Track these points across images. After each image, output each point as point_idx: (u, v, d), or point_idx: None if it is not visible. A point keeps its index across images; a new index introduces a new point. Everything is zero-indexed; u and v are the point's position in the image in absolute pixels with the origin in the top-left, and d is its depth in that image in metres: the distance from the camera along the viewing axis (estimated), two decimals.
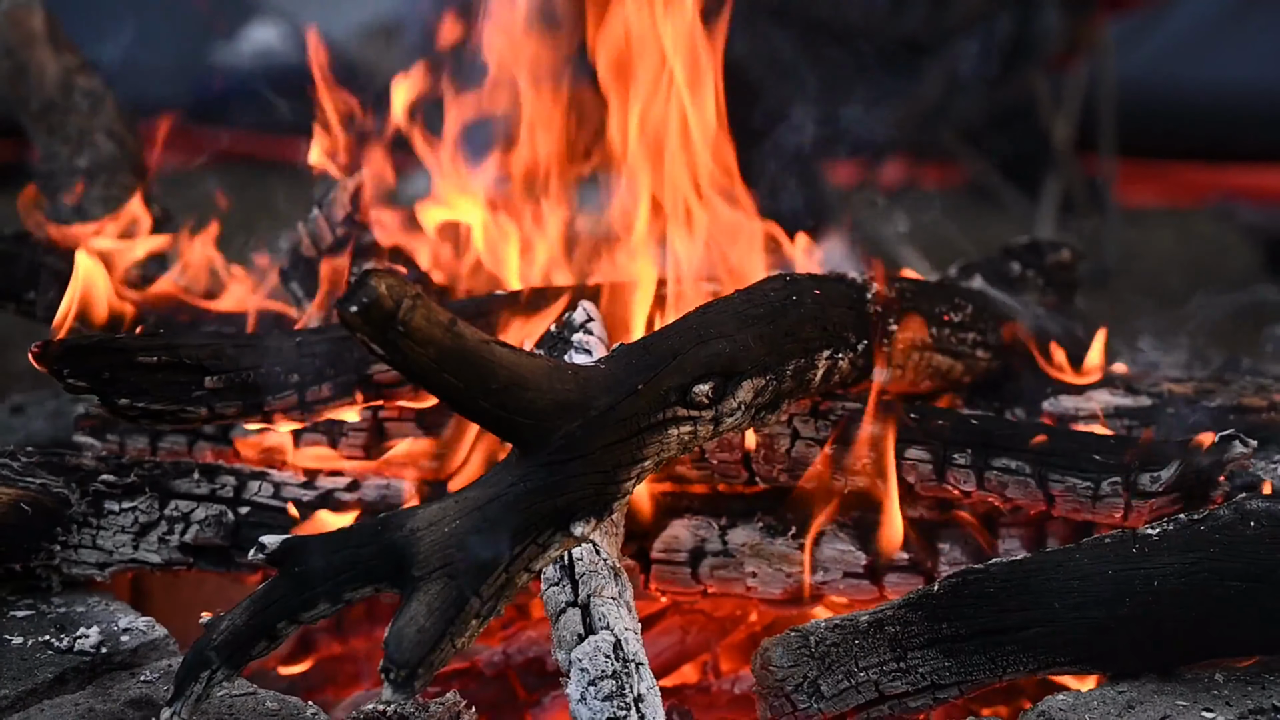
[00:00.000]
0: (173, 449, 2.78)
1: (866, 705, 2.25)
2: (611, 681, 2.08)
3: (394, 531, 2.03)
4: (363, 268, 2.70)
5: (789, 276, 2.42)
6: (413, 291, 1.90)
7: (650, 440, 2.13)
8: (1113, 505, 2.43)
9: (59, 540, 2.53)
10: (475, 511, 2.03)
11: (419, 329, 1.91)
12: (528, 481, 2.04)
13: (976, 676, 2.25)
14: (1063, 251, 3.16)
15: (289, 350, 2.56)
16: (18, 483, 2.54)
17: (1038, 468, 2.45)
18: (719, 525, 2.52)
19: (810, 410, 2.52)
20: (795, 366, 2.32)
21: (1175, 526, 2.29)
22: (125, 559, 2.55)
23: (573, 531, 2.07)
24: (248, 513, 2.57)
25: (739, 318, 2.27)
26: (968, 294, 2.75)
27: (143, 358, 2.48)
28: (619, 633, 2.14)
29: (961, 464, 2.48)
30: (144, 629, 2.42)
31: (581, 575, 2.20)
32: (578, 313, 2.51)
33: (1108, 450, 2.46)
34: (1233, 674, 2.26)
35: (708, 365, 2.18)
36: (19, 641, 2.39)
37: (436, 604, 1.99)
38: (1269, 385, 2.87)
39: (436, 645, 1.99)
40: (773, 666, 2.26)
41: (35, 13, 3.37)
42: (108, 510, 2.55)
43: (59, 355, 2.47)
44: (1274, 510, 2.27)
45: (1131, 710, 2.19)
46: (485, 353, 1.99)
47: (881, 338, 2.49)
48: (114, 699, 2.25)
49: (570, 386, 2.07)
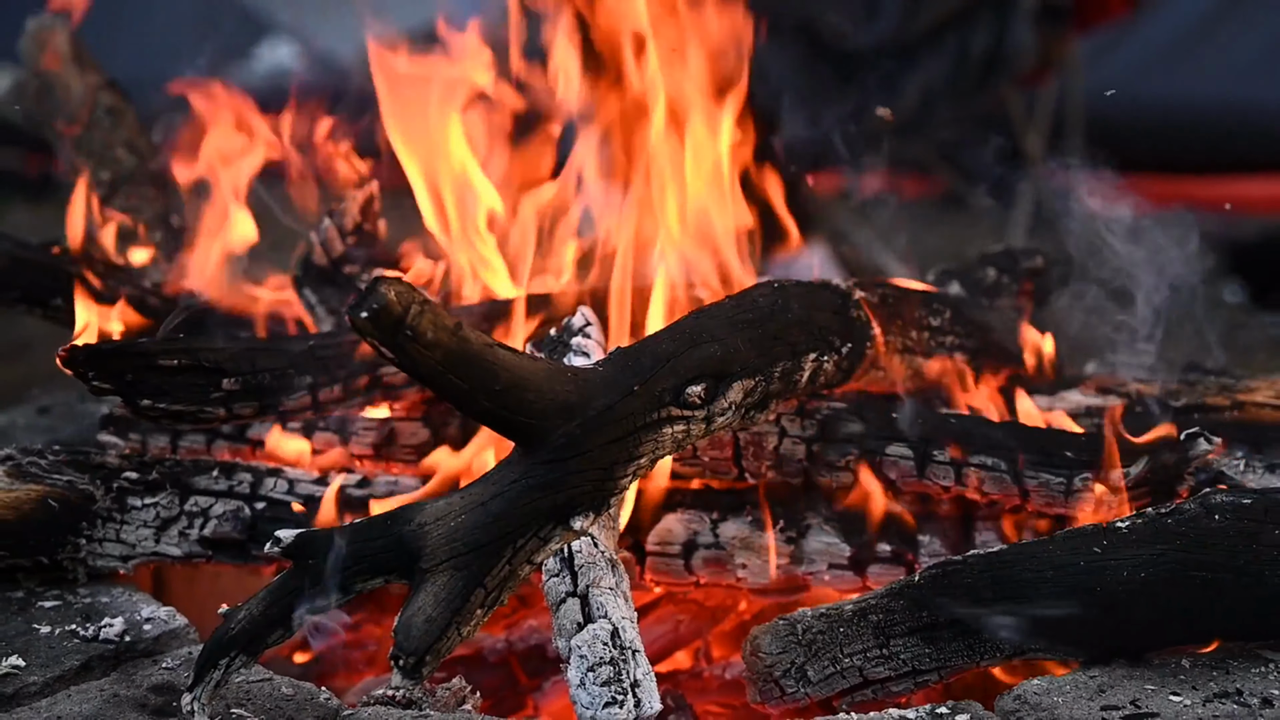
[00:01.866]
0: (192, 447, 2.78)
1: (851, 689, 2.25)
2: (609, 668, 2.08)
3: (402, 525, 2.03)
4: (373, 275, 2.70)
5: (777, 283, 2.42)
6: (420, 298, 1.90)
7: (646, 439, 2.12)
8: (1084, 499, 2.43)
9: (84, 534, 2.52)
10: (480, 507, 2.03)
11: (426, 333, 1.90)
12: (530, 478, 2.04)
13: (955, 662, 2.25)
14: (1035, 258, 3.15)
15: (302, 353, 2.56)
16: (45, 480, 2.53)
17: (1013, 464, 2.45)
18: (710, 519, 2.51)
19: (797, 410, 2.52)
20: (783, 369, 2.31)
21: (1143, 520, 2.29)
22: (147, 552, 2.54)
23: (572, 525, 2.07)
24: (263, 508, 2.56)
25: (730, 322, 2.27)
26: (946, 299, 2.75)
27: (163, 361, 2.48)
28: (616, 621, 2.14)
29: (941, 460, 2.48)
30: (165, 618, 2.42)
31: (581, 567, 2.20)
32: (576, 318, 2.51)
33: (1079, 448, 2.47)
34: (1198, 660, 2.26)
35: (700, 367, 2.18)
36: (47, 630, 2.38)
37: (443, 594, 1.99)
38: (1231, 385, 2.88)
39: (443, 634, 1.99)
40: (762, 653, 2.26)
41: (60, 33, 3.37)
42: (130, 506, 2.54)
43: (84, 359, 2.47)
44: (1237, 504, 2.27)
45: (1103, 694, 2.19)
46: (489, 356, 1.99)
47: (864, 341, 2.49)
48: (137, 685, 2.25)
49: (570, 388, 2.07)
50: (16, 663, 2.28)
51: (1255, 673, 2.23)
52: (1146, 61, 7.74)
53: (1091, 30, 6.88)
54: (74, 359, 2.47)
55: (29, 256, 2.99)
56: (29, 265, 2.98)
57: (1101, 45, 7.51)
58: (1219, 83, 7.66)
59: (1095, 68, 7.32)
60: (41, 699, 2.22)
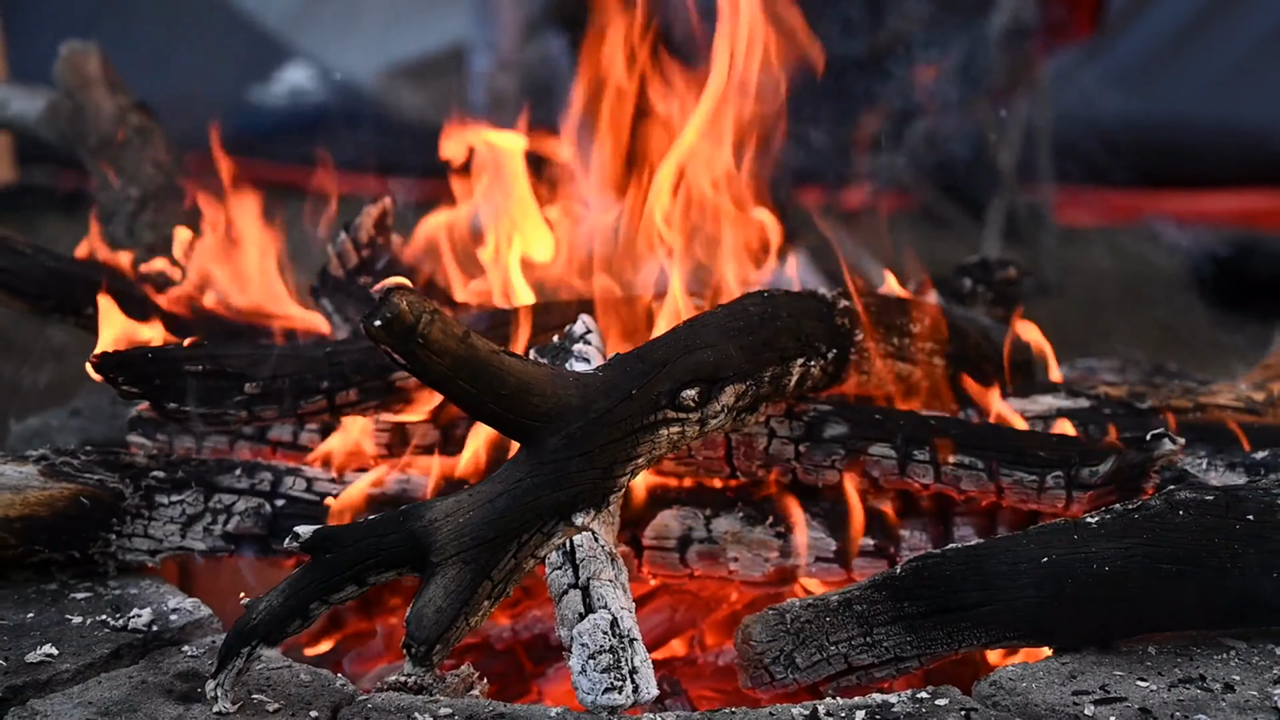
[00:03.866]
0: (216, 448, 2.77)
1: (836, 675, 2.25)
2: (609, 655, 2.08)
3: (414, 522, 2.02)
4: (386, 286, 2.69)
5: (767, 293, 2.42)
6: (430, 307, 1.90)
7: (643, 440, 2.12)
8: (1056, 496, 2.43)
9: (114, 530, 2.51)
10: (487, 504, 2.03)
11: (436, 341, 1.90)
12: (534, 477, 2.04)
13: (935, 650, 2.24)
14: (1009, 269, 3.15)
15: (319, 359, 2.56)
16: (77, 478, 2.53)
17: (989, 463, 2.44)
18: (704, 515, 2.51)
19: (785, 412, 2.51)
20: (772, 373, 2.31)
21: (1112, 515, 2.28)
22: (174, 546, 2.54)
23: (574, 521, 2.07)
24: (283, 505, 2.56)
25: (722, 330, 2.27)
26: (925, 307, 2.75)
27: (189, 366, 2.48)
28: (615, 611, 2.13)
29: (921, 459, 2.47)
30: (190, 609, 2.41)
31: (582, 560, 2.19)
32: (578, 325, 2.51)
33: (1051, 447, 2.46)
34: (1163, 647, 2.25)
35: (694, 372, 2.18)
36: (79, 621, 2.38)
37: (452, 587, 1.99)
38: (1194, 388, 2.87)
39: (452, 624, 1.99)
40: (753, 641, 2.25)
41: (92, 58, 3.38)
42: (158, 503, 2.54)
43: (114, 364, 2.47)
44: (1200, 500, 2.27)
45: (1074, 679, 2.18)
46: (495, 362, 1.99)
47: (849, 347, 2.48)
48: (164, 672, 2.24)
49: (572, 392, 2.06)
50: (50, 651, 2.27)
51: (1217, 659, 2.23)
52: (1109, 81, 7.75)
53: (1057, 50, 6.89)
54: (104, 365, 2.46)
55: (63, 268, 2.98)
56: (63, 276, 2.97)
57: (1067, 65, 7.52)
58: (1179, 101, 7.68)
59: (1060, 87, 7.34)
60: (74, 685, 2.22)
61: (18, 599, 2.44)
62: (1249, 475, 2.49)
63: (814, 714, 2.10)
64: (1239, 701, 2.11)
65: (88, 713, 2.13)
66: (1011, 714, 2.12)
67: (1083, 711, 2.10)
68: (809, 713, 2.11)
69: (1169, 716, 2.08)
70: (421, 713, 2.11)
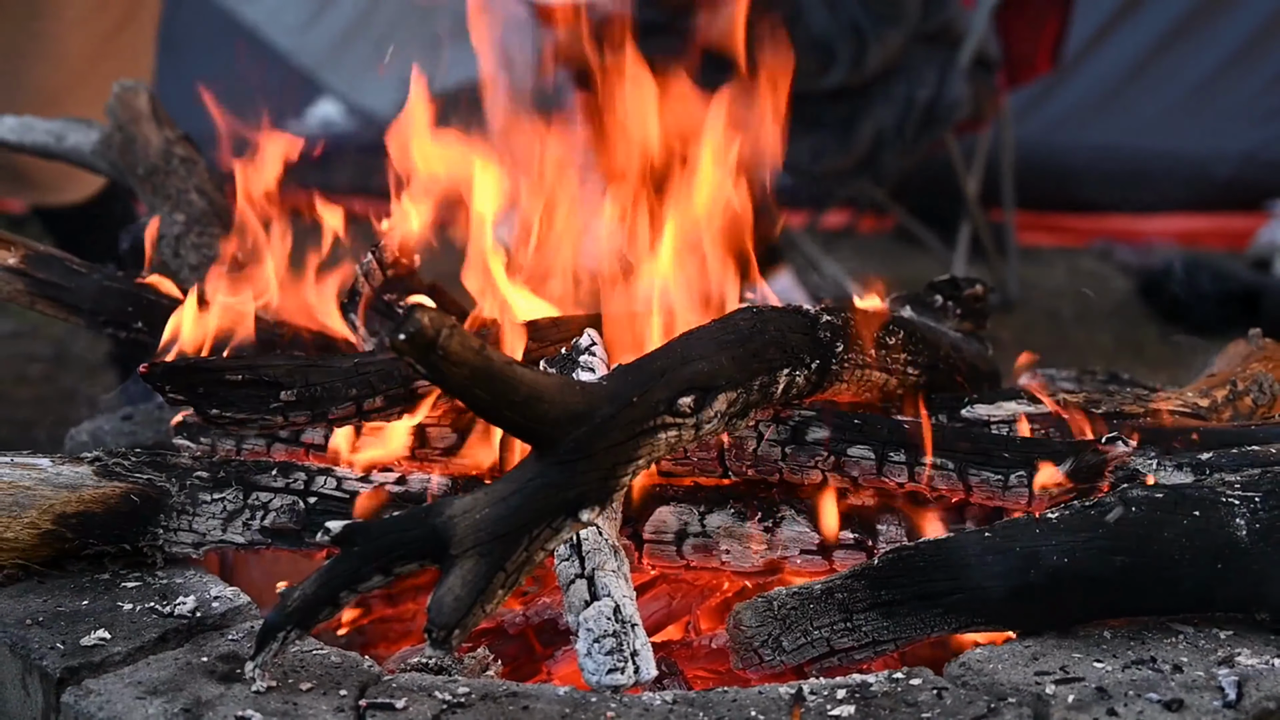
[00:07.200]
0: (254, 450, 2.76)
1: (820, 657, 2.25)
2: (612, 639, 2.08)
3: (435, 517, 2.02)
4: (409, 303, 2.68)
5: (755, 308, 2.42)
6: (450, 322, 1.90)
7: (643, 443, 2.12)
8: (1019, 494, 2.42)
9: (162, 525, 2.51)
10: (501, 501, 2.02)
11: (455, 353, 1.90)
12: (544, 477, 2.03)
13: (909, 634, 2.24)
14: (976, 285, 3.14)
15: (349, 369, 2.55)
16: (128, 478, 2.52)
17: (959, 464, 2.44)
18: (699, 511, 2.50)
19: (773, 417, 2.51)
20: (761, 382, 2.31)
21: (1070, 511, 2.28)
22: (215, 540, 2.53)
23: (580, 517, 2.06)
24: (315, 502, 2.55)
25: (715, 342, 2.27)
26: (900, 321, 2.74)
27: (230, 376, 2.47)
28: (618, 599, 2.13)
29: (897, 460, 2.47)
30: (231, 597, 2.41)
31: (588, 553, 2.20)
32: (584, 338, 2.52)
33: (1015, 449, 2.46)
34: (1117, 632, 2.25)
35: (690, 382, 2.18)
36: (129, 608, 2.37)
37: (470, 577, 1.99)
38: (1145, 395, 2.87)
39: (470, 610, 1.98)
40: (743, 626, 2.25)
41: (141, 94, 3.38)
42: (201, 500, 2.53)
43: (162, 374, 2.46)
44: (1150, 498, 2.27)
45: (1036, 661, 2.18)
46: (508, 372, 1.99)
47: (831, 358, 2.48)
48: (207, 654, 2.24)
49: (578, 399, 2.06)
50: (103, 635, 2.27)
51: (1167, 643, 2.22)
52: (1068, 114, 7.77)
53: (1019, 85, 6.90)
54: (153, 374, 2.46)
55: (115, 286, 2.97)
56: (115, 294, 2.96)
57: (1028, 99, 7.54)
58: (1129, 133, 7.70)
59: (1023, 119, 7.36)
60: (125, 666, 2.21)
61: (74, 588, 2.44)
62: (1195, 475, 2.48)
63: (799, 693, 2.10)
64: (1186, 681, 2.11)
65: (137, 691, 2.13)
66: (979, 693, 2.11)
67: (1045, 690, 2.09)
68: (795, 691, 2.10)
69: (1123, 694, 2.07)
70: (441, 691, 2.11)
